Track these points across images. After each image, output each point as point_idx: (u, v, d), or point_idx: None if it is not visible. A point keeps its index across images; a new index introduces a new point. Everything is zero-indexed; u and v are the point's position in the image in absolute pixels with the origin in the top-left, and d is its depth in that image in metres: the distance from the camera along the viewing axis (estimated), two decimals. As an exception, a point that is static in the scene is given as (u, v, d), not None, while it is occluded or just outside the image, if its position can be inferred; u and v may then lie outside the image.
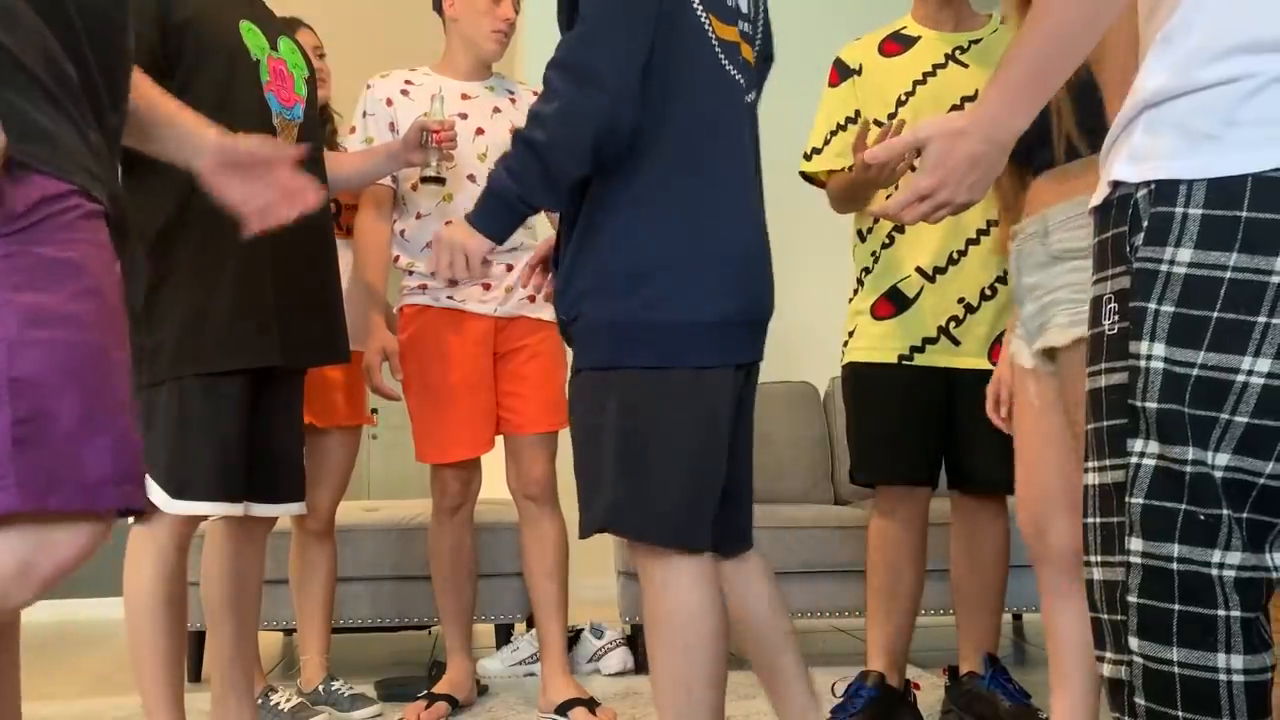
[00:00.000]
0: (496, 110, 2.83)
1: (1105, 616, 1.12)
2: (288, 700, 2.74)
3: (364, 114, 2.81)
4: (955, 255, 2.50)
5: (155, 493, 2.03)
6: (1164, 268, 1.04)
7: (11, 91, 1.17)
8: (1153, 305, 1.05)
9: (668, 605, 1.60)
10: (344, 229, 2.95)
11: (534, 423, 2.79)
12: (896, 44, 2.59)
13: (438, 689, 2.81)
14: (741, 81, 1.68)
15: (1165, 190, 1.04)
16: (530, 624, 3.65)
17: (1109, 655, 1.11)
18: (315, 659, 2.90)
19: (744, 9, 1.71)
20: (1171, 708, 1.02)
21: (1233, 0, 1.02)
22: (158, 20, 2.02)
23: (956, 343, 2.51)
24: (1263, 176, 0.99)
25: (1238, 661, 1.01)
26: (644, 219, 1.60)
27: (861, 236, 2.62)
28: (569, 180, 1.59)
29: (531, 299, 2.77)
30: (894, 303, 2.53)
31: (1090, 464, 1.15)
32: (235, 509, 2.10)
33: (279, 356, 2.12)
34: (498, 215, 1.63)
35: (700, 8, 1.62)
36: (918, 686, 2.69)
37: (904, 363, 2.52)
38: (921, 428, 2.52)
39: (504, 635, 3.52)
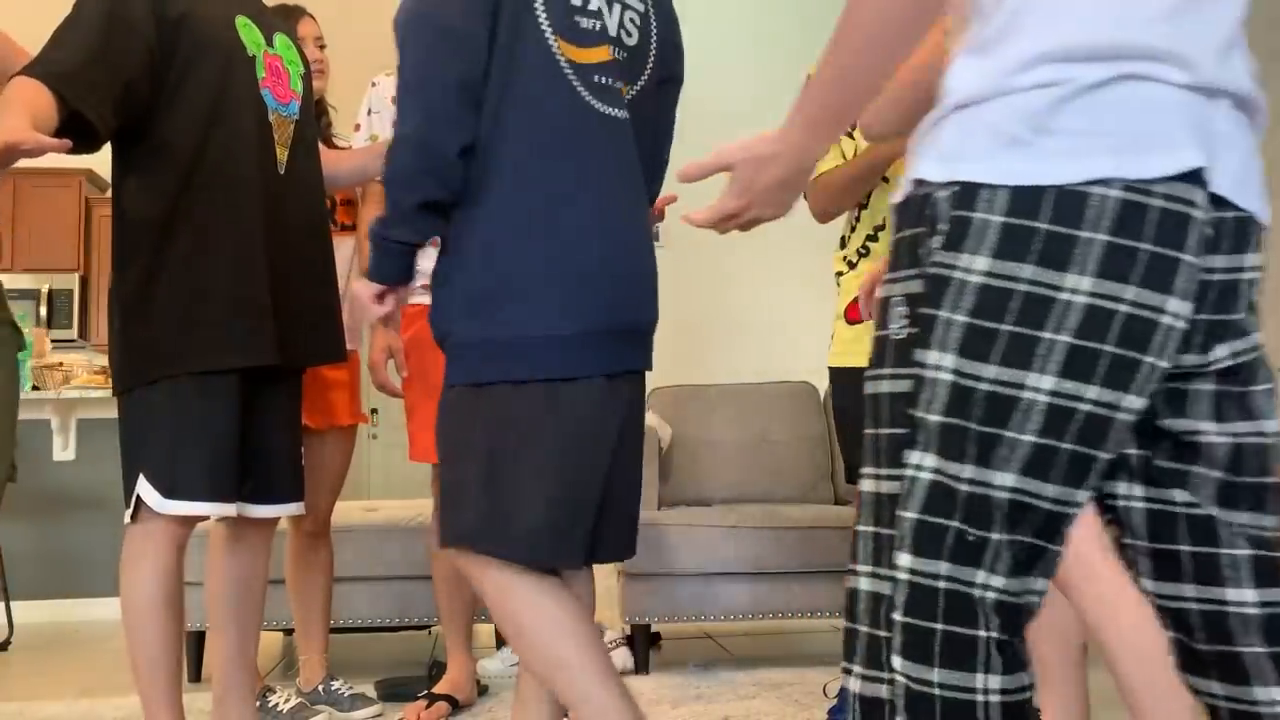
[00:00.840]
0: None
1: (865, 629, 1.09)
2: (286, 701, 2.74)
3: (369, 111, 2.80)
4: None
5: (148, 492, 2.00)
6: (959, 275, 1.00)
7: None
8: (944, 313, 1.01)
9: (520, 621, 1.64)
10: (339, 226, 2.94)
11: None
12: None
13: (438, 689, 2.81)
14: (602, 106, 1.71)
15: (968, 194, 1.00)
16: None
17: (859, 670, 1.09)
18: (315, 659, 2.90)
19: (614, 33, 1.74)
20: None
21: (1051, 10, 0.99)
22: (153, 14, 2.00)
23: None
24: (1066, 189, 0.97)
25: (995, 682, 0.99)
26: (500, 239, 1.65)
27: (842, 243, 2.64)
28: (413, 208, 1.63)
29: None
30: None
31: (868, 470, 1.11)
32: (228, 509, 2.07)
33: (275, 355, 2.08)
34: (376, 259, 1.69)
35: (549, 32, 1.67)
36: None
37: None
38: None
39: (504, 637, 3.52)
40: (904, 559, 1.03)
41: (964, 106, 1.02)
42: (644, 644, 3.42)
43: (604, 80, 1.72)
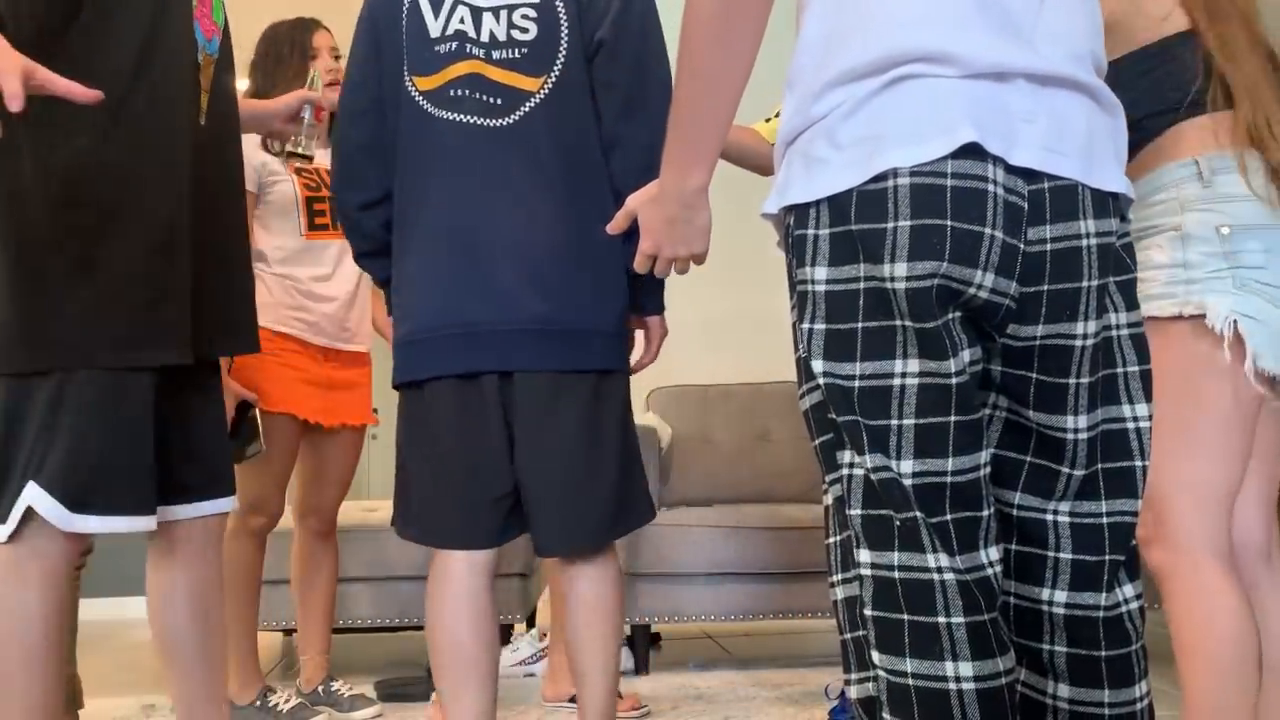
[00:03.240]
0: None
1: (850, 635, 1.11)
2: (286, 701, 2.74)
3: None
4: None
5: (45, 505, 1.58)
6: (810, 288, 1.09)
7: None
8: (807, 325, 1.10)
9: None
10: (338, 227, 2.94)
11: None
12: None
13: None
14: (463, 117, 1.81)
15: (800, 215, 1.10)
16: (530, 624, 3.65)
17: (854, 676, 1.11)
18: (315, 659, 2.90)
19: (484, 41, 1.82)
20: None
21: (830, 37, 1.09)
22: None
23: None
24: (863, 190, 1.04)
25: (966, 669, 1.00)
26: (394, 254, 1.90)
27: None
28: (358, 259, 2.03)
29: None
30: None
31: (825, 483, 1.16)
32: (150, 523, 1.68)
33: (195, 349, 1.72)
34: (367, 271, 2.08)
35: (408, 75, 1.85)
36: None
37: None
38: None
39: (504, 635, 3.52)
40: (863, 555, 1.07)
41: (788, 142, 1.13)
42: (644, 644, 3.42)
43: (461, 93, 1.81)
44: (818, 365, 1.09)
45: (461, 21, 1.82)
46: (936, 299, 1.03)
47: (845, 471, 1.09)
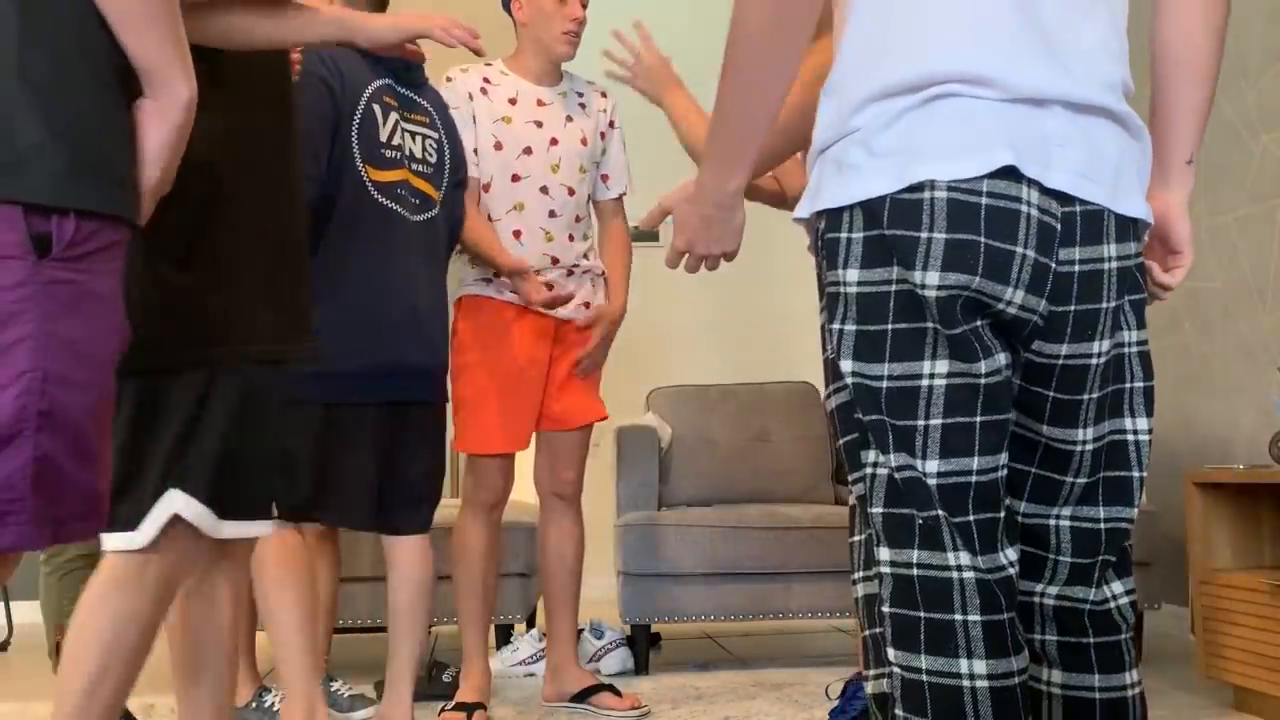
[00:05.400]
0: (569, 119, 2.90)
1: (869, 633, 1.14)
2: (283, 700, 2.74)
3: None
4: None
5: (193, 511, 1.53)
6: (841, 289, 1.12)
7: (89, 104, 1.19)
8: (837, 325, 1.12)
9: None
10: None
11: (577, 418, 2.90)
12: None
13: (465, 697, 2.77)
14: (400, 210, 2.39)
15: (833, 219, 1.13)
16: (530, 624, 3.65)
17: (871, 671, 1.14)
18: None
19: (419, 156, 2.45)
20: (923, 716, 1.04)
21: (871, 53, 1.12)
22: None
23: None
24: (897, 197, 1.07)
25: (980, 667, 1.03)
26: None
27: None
28: None
29: (587, 305, 2.90)
30: None
31: (849, 482, 1.19)
32: (269, 528, 1.70)
33: (312, 350, 1.74)
34: None
35: (359, 162, 2.33)
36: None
37: None
38: None
39: (504, 635, 3.52)
40: (883, 553, 1.10)
41: (822, 150, 1.16)
42: (644, 644, 3.42)
43: (403, 192, 2.39)
44: (846, 365, 1.11)
45: (400, 137, 2.40)
46: (966, 309, 1.07)
47: (869, 471, 1.11)
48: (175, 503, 1.51)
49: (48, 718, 1.48)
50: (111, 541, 1.51)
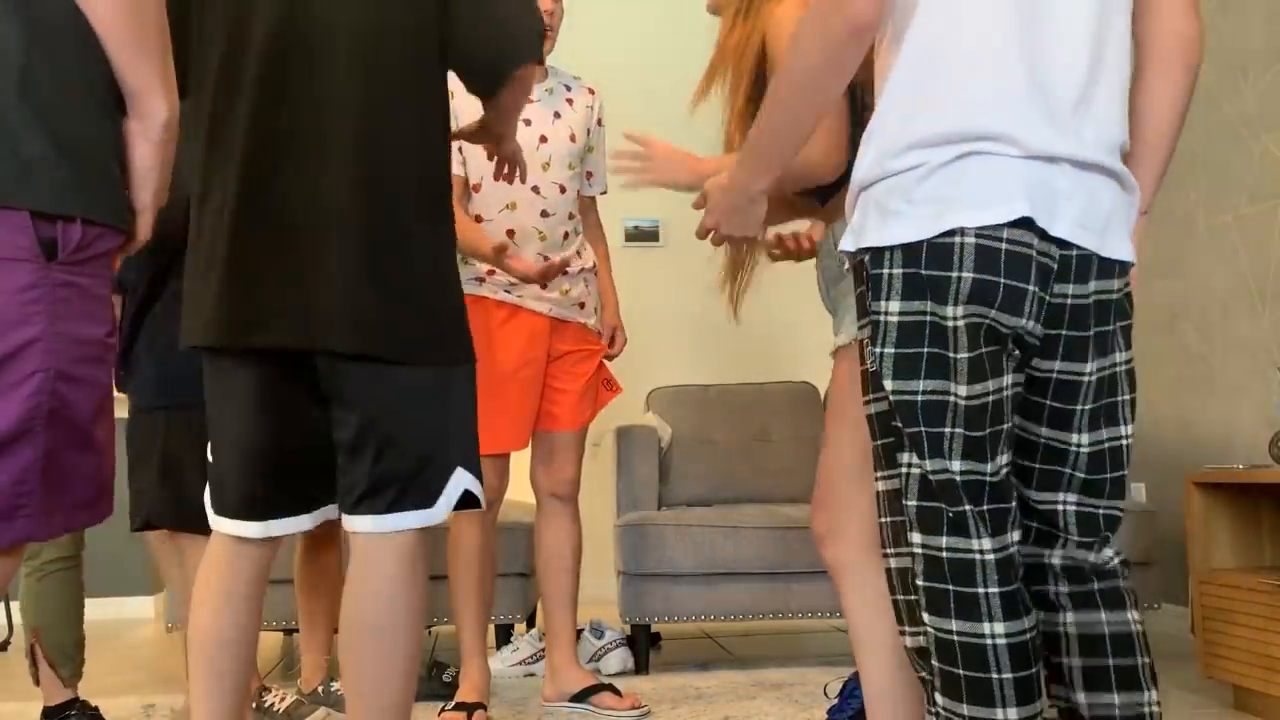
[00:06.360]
0: (557, 116, 2.89)
1: (901, 598, 1.42)
2: (282, 700, 2.74)
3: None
4: None
5: (476, 489, 1.73)
6: (882, 318, 1.33)
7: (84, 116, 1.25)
8: (878, 349, 1.34)
9: None
10: None
11: (573, 420, 2.90)
12: None
13: (465, 697, 2.77)
14: None
15: (876, 256, 1.33)
16: (530, 624, 3.65)
17: (908, 629, 1.41)
18: (315, 659, 2.89)
19: None
20: (955, 666, 1.29)
21: (909, 106, 1.32)
22: None
23: None
24: (932, 241, 1.28)
25: (1000, 628, 1.27)
26: None
27: None
28: None
29: (581, 305, 2.90)
30: None
31: (879, 474, 1.42)
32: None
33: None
34: None
35: None
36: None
37: None
38: None
39: (504, 635, 3.52)
40: (915, 537, 1.33)
41: (863, 188, 1.36)
42: (644, 644, 3.42)
43: None
44: (889, 384, 1.32)
45: None
46: (986, 335, 1.29)
47: (904, 470, 1.34)
48: (465, 480, 1.69)
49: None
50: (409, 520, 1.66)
